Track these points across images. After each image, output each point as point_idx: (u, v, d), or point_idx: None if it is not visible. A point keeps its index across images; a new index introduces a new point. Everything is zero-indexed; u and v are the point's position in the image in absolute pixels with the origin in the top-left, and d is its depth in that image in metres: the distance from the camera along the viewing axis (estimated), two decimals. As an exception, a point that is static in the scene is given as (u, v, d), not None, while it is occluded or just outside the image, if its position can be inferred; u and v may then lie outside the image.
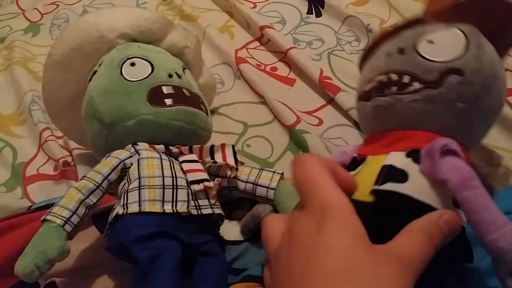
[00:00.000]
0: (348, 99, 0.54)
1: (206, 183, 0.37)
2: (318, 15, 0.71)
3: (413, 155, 0.32)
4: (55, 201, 0.43)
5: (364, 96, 0.39)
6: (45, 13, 0.83)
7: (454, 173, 0.29)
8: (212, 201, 0.38)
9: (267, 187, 0.41)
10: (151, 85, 0.40)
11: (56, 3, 0.85)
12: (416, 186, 0.31)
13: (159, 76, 0.41)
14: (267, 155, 0.53)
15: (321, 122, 0.55)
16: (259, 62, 0.65)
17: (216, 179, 0.40)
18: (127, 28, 0.44)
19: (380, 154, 0.34)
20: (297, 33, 0.68)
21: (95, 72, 0.43)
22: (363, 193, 0.31)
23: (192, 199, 0.36)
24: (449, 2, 0.38)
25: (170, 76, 0.41)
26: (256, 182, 0.41)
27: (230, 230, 0.43)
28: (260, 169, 0.42)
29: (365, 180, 0.32)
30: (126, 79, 0.40)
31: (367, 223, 0.28)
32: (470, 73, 0.33)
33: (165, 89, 0.40)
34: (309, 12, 0.71)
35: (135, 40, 0.45)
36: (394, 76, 0.35)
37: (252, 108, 0.59)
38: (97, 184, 0.35)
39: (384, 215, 0.30)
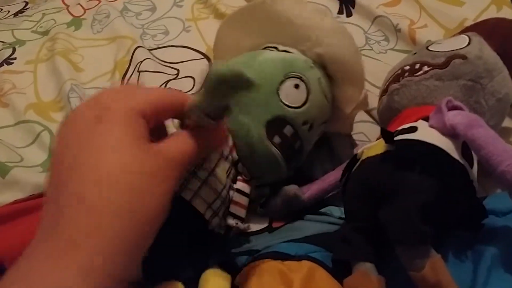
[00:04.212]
0: (370, 100, 0.55)
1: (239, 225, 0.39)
2: (349, 15, 0.71)
3: (424, 119, 0.34)
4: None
5: (383, 92, 0.41)
6: (88, 9, 0.88)
7: (462, 117, 0.32)
8: None
9: None
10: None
11: (99, -1, 0.89)
12: (425, 133, 0.33)
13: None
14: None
15: (345, 117, 0.56)
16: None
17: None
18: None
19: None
20: (326, 32, 0.69)
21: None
22: (376, 151, 0.33)
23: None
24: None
25: (305, 124, 0.40)
26: None
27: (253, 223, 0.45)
28: None
29: (379, 144, 0.35)
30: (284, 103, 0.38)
31: (377, 172, 0.30)
32: (473, 58, 0.36)
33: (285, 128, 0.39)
34: (340, 12, 0.72)
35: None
36: (406, 67, 0.38)
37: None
38: None
39: (394, 160, 0.32)
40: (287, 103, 0.38)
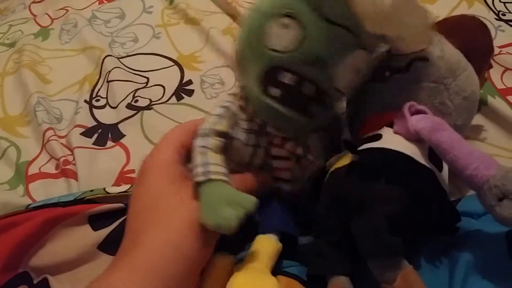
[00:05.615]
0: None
1: None
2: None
3: (388, 125, 0.34)
4: (51, 201, 0.43)
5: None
6: (55, 18, 0.85)
7: (425, 121, 0.31)
8: None
9: None
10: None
11: (66, 8, 0.87)
12: (389, 140, 0.32)
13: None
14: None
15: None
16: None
17: None
18: None
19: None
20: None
21: None
22: (343, 162, 0.34)
23: None
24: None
25: (311, 64, 0.32)
26: None
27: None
28: None
29: (347, 155, 0.34)
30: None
31: (344, 184, 0.30)
32: (435, 59, 0.36)
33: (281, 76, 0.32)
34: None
35: None
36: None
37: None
38: None
39: (360, 170, 0.31)
40: (276, 48, 0.32)
